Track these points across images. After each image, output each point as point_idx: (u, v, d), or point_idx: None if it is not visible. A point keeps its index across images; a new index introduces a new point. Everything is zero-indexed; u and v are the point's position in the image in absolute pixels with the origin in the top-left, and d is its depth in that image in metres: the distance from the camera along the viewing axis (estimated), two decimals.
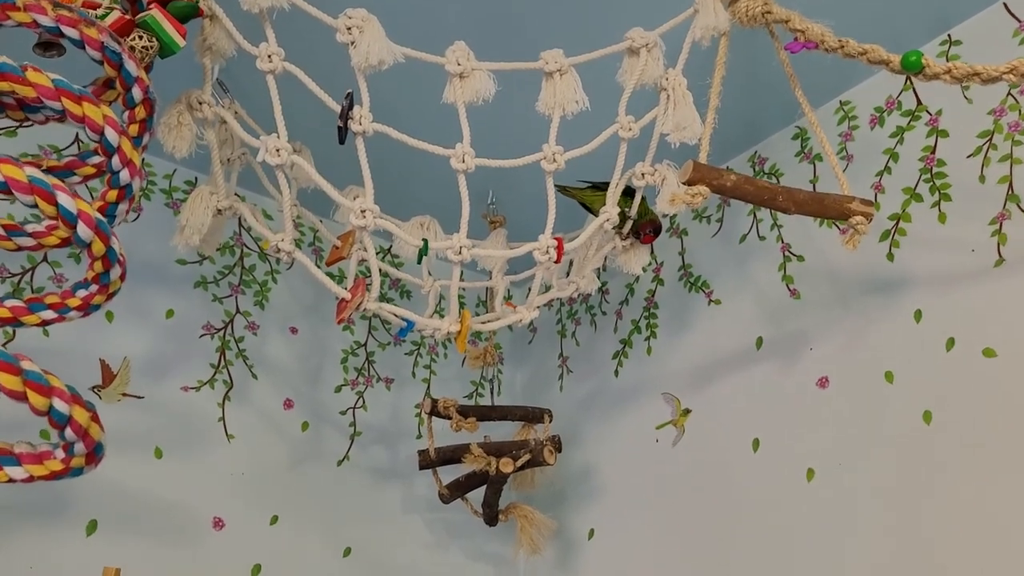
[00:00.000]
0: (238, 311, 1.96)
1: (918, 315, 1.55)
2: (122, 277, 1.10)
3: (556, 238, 1.47)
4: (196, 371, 1.86)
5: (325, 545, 1.89)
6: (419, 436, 2.13)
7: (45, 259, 1.73)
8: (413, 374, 2.19)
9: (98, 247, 1.04)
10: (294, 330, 2.03)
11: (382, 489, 2.02)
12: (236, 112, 1.52)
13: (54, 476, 0.98)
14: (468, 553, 2.09)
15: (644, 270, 1.73)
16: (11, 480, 0.98)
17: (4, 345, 1.65)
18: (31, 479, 0.99)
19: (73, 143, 1.76)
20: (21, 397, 0.90)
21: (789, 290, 1.77)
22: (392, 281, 2.18)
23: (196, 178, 1.97)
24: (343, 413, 2.04)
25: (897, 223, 1.61)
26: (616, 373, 2.10)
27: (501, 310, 1.65)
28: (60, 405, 0.92)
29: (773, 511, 1.67)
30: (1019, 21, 1.50)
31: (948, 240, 1.53)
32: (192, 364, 1.86)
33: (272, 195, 1.57)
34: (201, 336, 1.89)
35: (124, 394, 1.76)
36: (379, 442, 2.06)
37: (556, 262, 1.48)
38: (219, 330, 1.92)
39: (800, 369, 1.71)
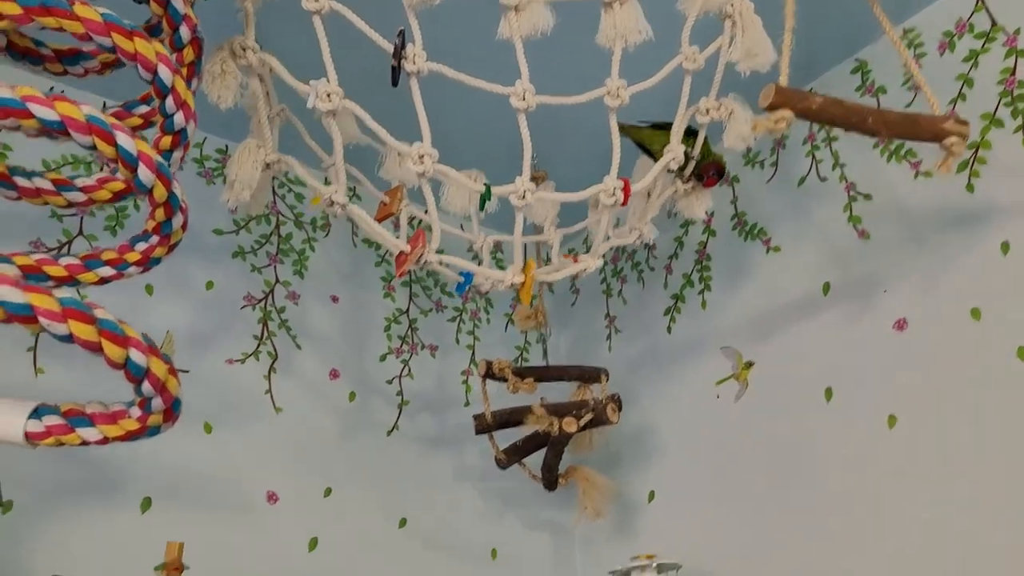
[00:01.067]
0: (277, 280, 1.88)
1: (1005, 247, 1.47)
2: (184, 226, 1.02)
3: (622, 179, 1.40)
4: (240, 343, 1.79)
5: (381, 516, 1.83)
6: (467, 404, 2.06)
7: (81, 232, 1.65)
8: (457, 340, 2.12)
9: (160, 192, 0.96)
10: (335, 299, 1.96)
11: (433, 458, 1.96)
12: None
13: (130, 436, 0.91)
14: (524, 521, 2.03)
15: (706, 215, 1.65)
16: (84, 443, 0.91)
17: None
18: (105, 440, 0.91)
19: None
20: (96, 348, 0.82)
21: (857, 231, 1.70)
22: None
23: (227, 146, 1.90)
24: (389, 382, 1.97)
25: (976, 151, 1.53)
26: (669, 330, 2.03)
27: (559, 262, 1.58)
28: (137, 356, 0.84)
29: (852, 462, 1.60)
30: None
31: None
32: (235, 336, 1.79)
33: (314, 151, 1.50)
34: (243, 307, 1.82)
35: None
36: (427, 410, 2.00)
37: (623, 204, 1.40)
38: (260, 300, 1.85)
39: (874, 313, 1.63)
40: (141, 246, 1.04)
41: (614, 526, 1.99)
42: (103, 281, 1.06)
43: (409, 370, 2.00)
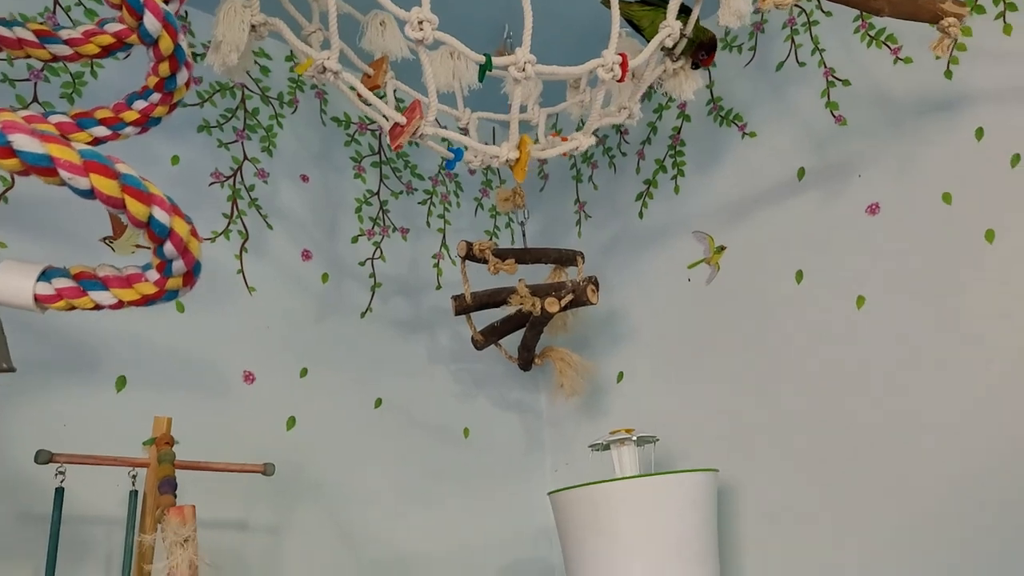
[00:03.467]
0: (246, 157, 1.82)
1: (979, 133, 1.51)
2: (187, 84, 0.97)
3: (620, 54, 1.38)
4: (209, 221, 1.73)
5: (356, 396, 1.84)
6: (439, 287, 2.05)
7: (36, 99, 1.55)
8: (428, 223, 2.10)
9: (166, 44, 0.91)
10: (305, 178, 1.90)
11: (407, 340, 1.96)
12: None
13: (146, 300, 0.88)
14: (495, 402, 2.07)
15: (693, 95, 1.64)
16: (97, 307, 0.88)
17: (3, 194, 1.50)
18: (120, 305, 0.88)
19: None
20: (119, 204, 0.78)
21: (834, 116, 1.72)
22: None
23: (186, 12, 1.79)
24: (362, 264, 1.94)
25: (956, 38, 1.55)
26: (641, 215, 2.05)
27: (547, 140, 1.56)
28: (160, 215, 0.81)
29: (819, 341, 1.66)
30: None
31: (1013, 53, 1.49)
32: (204, 214, 1.73)
33: (293, 16, 1.43)
34: (211, 184, 1.75)
35: (137, 246, 1.62)
36: (400, 293, 1.99)
37: (620, 80, 1.39)
38: (228, 178, 1.78)
39: (847, 197, 1.68)
40: (140, 104, 0.98)
41: (582, 406, 2.05)
42: (97, 142, 1.00)
43: (381, 252, 1.98)
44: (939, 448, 1.47)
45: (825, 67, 1.75)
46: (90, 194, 0.78)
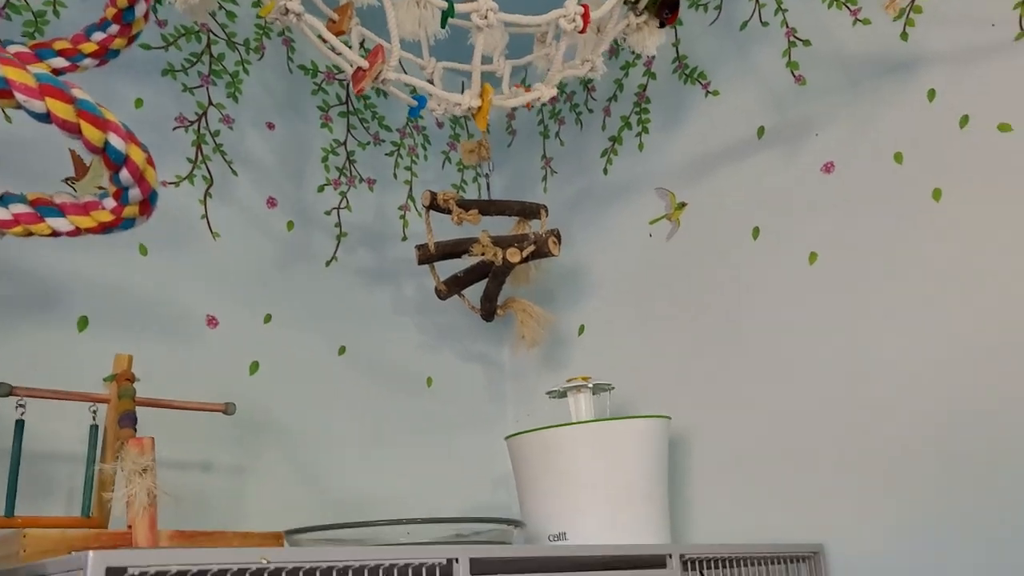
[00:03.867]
0: (211, 103, 1.82)
1: (931, 94, 1.55)
2: (146, 16, 0.98)
3: (583, 5, 1.39)
4: (173, 165, 1.74)
5: (320, 344, 1.86)
6: (404, 239, 2.07)
7: None
8: (395, 175, 2.11)
9: None
10: (271, 125, 1.91)
11: (372, 290, 1.98)
12: None
13: (103, 228, 0.90)
14: (458, 353, 2.10)
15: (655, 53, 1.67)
16: (55, 233, 0.90)
17: None
18: (77, 232, 0.90)
19: None
20: (75, 129, 0.80)
21: (794, 76, 1.75)
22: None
23: None
24: (327, 213, 1.96)
25: (913, 0, 1.59)
26: (605, 171, 2.07)
27: (511, 91, 1.58)
28: (116, 141, 0.82)
29: (774, 296, 1.71)
30: None
31: (967, 16, 1.52)
32: (168, 158, 1.73)
33: None
34: (175, 128, 1.76)
35: (99, 187, 1.62)
36: (365, 243, 2.01)
37: (582, 31, 1.41)
38: (193, 123, 1.79)
39: (804, 156, 1.72)
40: (98, 36, 0.99)
41: (544, 358, 2.09)
42: (56, 73, 1.01)
43: (347, 202, 1.99)
44: (890, 398, 1.53)
45: (787, 27, 1.77)
46: (46, 118, 0.79)
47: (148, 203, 0.89)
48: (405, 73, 1.38)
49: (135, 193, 0.87)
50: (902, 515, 1.48)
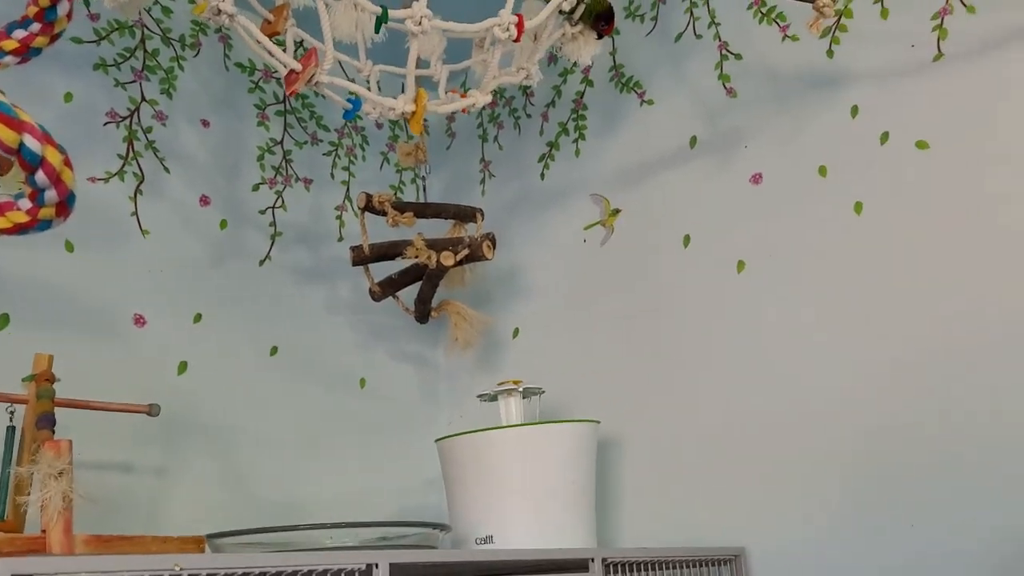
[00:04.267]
0: (144, 99, 1.79)
1: (854, 110, 1.61)
2: (69, 16, 0.96)
3: (517, 15, 1.41)
4: (103, 162, 1.70)
5: (251, 344, 1.85)
6: (340, 239, 2.07)
7: None
8: (332, 175, 2.10)
9: None
10: (205, 123, 1.89)
11: (306, 290, 1.97)
12: None
13: (18, 229, 0.89)
14: (392, 354, 2.10)
15: (591, 62, 1.69)
16: None
17: None
18: None
19: None
20: None
21: (725, 88, 1.79)
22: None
23: None
24: (262, 212, 1.94)
25: (839, 19, 1.64)
26: (542, 176, 2.09)
27: (447, 97, 1.59)
28: (32, 143, 0.81)
29: (704, 303, 1.75)
30: None
31: (889, 35, 1.58)
32: (98, 154, 1.70)
33: None
34: (106, 124, 1.72)
35: (23, 183, 1.59)
36: (300, 243, 1.99)
37: (516, 40, 1.42)
38: (125, 118, 1.76)
39: (734, 167, 1.76)
40: (19, 34, 0.97)
41: (478, 360, 2.10)
42: None
43: (282, 202, 1.98)
44: (812, 405, 1.57)
45: (720, 40, 1.81)
46: None
47: (65, 205, 0.88)
48: (344, 74, 1.38)
49: (51, 195, 0.86)
50: (820, 519, 1.52)
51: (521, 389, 1.66)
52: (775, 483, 1.59)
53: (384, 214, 1.78)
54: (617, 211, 1.93)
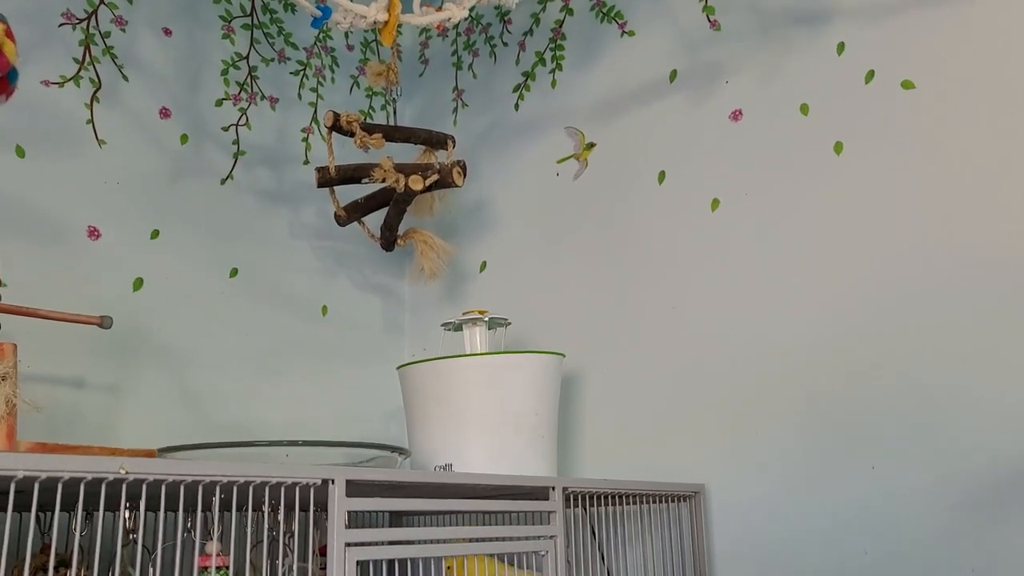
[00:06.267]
0: (102, 1, 1.70)
1: (840, 47, 1.57)
2: None
3: None
4: (58, 65, 1.62)
5: (211, 264, 1.79)
6: (306, 162, 2.00)
7: None
8: (299, 96, 2.03)
9: None
10: (167, 31, 1.80)
11: (268, 212, 1.91)
12: None
13: None
14: (356, 282, 2.06)
15: None
16: None
17: None
18: None
19: None
20: None
21: (709, 21, 1.74)
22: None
23: None
24: (225, 129, 1.87)
25: None
26: (516, 107, 2.04)
27: (422, 11, 1.53)
28: None
29: (676, 240, 1.72)
30: None
31: None
32: (53, 56, 1.61)
33: None
34: (61, 25, 1.63)
35: None
36: (264, 163, 1.93)
37: None
38: (81, 21, 1.67)
39: (713, 102, 1.72)
40: None
41: (444, 292, 2.06)
42: None
43: (247, 119, 1.91)
44: (777, 345, 1.56)
45: None
46: None
47: (6, 81, 0.81)
48: None
49: None
50: (781, 459, 1.52)
51: (487, 319, 1.63)
52: (738, 423, 1.58)
53: (352, 135, 1.72)
54: (592, 145, 1.88)
